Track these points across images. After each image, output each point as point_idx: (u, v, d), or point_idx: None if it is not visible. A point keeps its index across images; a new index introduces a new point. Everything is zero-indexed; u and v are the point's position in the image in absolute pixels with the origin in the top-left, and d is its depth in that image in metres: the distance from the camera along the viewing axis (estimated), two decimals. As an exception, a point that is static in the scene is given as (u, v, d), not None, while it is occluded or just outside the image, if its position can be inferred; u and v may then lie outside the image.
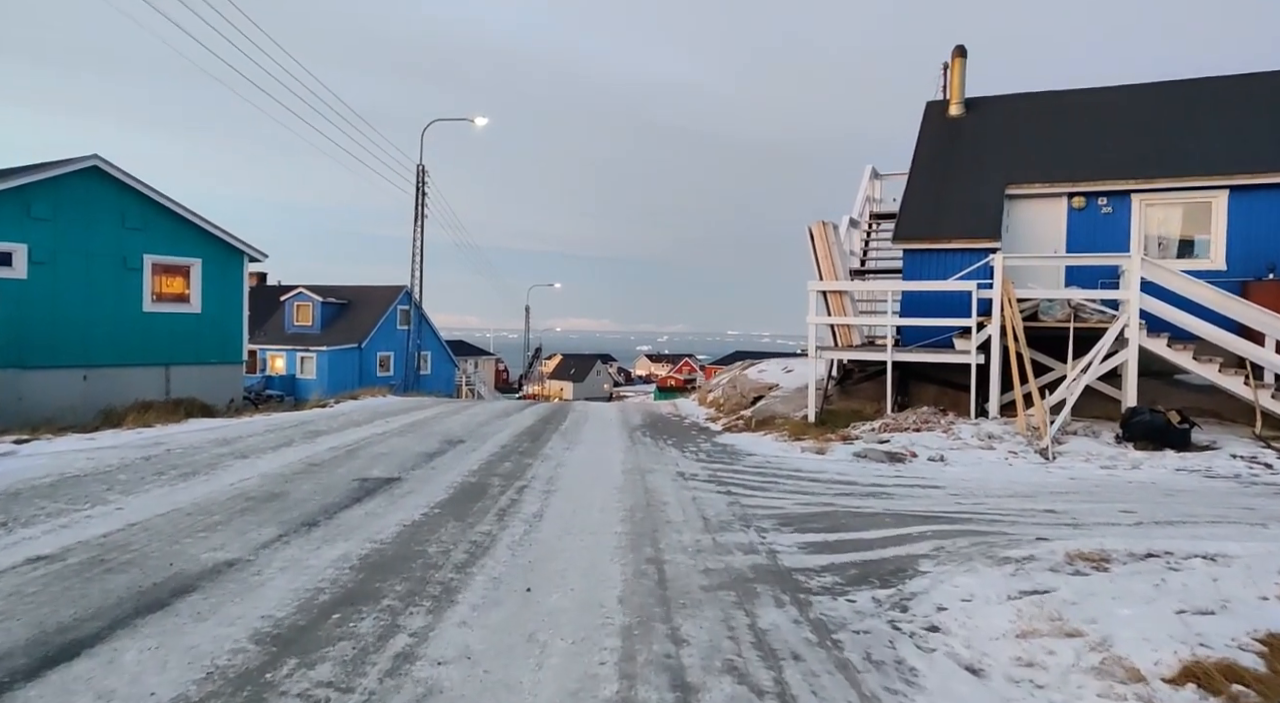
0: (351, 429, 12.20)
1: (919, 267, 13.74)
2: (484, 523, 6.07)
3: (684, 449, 10.98)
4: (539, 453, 10.08)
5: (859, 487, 8.24)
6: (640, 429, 13.62)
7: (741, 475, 8.74)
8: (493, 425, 13.45)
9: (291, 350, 41.96)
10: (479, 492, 7.34)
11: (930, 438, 11.12)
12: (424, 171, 28.08)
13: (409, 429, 12.41)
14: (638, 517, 6.44)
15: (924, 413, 12.29)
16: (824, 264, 13.35)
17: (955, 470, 9.36)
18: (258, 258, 22.22)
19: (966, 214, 13.75)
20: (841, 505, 7.24)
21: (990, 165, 14.50)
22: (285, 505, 6.55)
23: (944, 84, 18.71)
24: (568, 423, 14.37)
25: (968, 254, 13.29)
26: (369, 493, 7.16)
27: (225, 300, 21.33)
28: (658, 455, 10.24)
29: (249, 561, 4.89)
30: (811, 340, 13.13)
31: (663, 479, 8.32)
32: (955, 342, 12.67)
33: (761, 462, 9.89)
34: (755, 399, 15.52)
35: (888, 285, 12.91)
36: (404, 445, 10.40)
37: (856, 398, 14.34)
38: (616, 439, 11.91)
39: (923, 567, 5.23)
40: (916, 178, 14.90)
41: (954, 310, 12.75)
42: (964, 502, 7.52)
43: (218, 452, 9.38)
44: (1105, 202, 13.57)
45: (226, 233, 21.25)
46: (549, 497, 7.19)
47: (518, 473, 8.45)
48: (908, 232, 13.85)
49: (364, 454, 9.52)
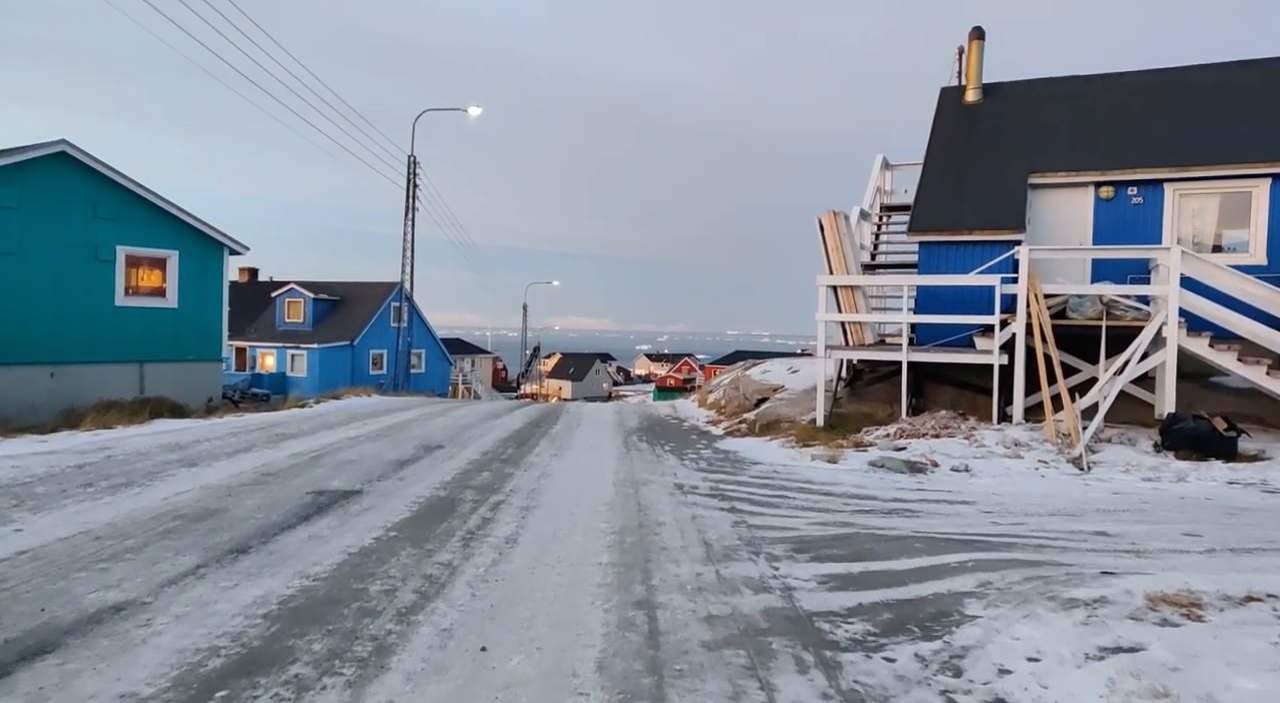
0: (323, 433, 11.28)
1: (936, 260, 12.81)
2: (445, 551, 5.14)
3: (683, 457, 10.06)
4: (523, 461, 9.15)
5: (879, 502, 7.32)
6: (636, 433, 12.70)
7: (747, 488, 7.81)
8: (477, 429, 12.52)
9: (282, 348, 41.03)
10: (447, 509, 6.41)
11: (951, 445, 10.19)
12: (415, 163, 27.14)
13: (386, 433, 11.48)
14: (628, 542, 5.51)
15: (942, 417, 11.37)
16: (834, 257, 12.42)
17: (983, 483, 8.44)
18: (239, 251, 21.27)
19: (987, 204, 12.82)
20: (862, 526, 6.31)
21: (1011, 153, 13.58)
22: (217, 526, 5.62)
23: (959, 69, 17.79)
24: (559, 426, 13.45)
25: (989, 247, 12.37)
26: (320, 510, 6.23)
27: (204, 295, 20.39)
28: (654, 464, 9.31)
29: (144, 604, 3.96)
30: (821, 339, 12.21)
31: (659, 493, 7.39)
32: (976, 341, 11.75)
33: (768, 472, 8.97)
34: (759, 401, 14.60)
35: (903, 279, 12.00)
36: (375, 452, 9.47)
37: (867, 400, 13.42)
38: (610, 445, 10.98)
39: (970, 609, 4.31)
40: (932, 167, 13.97)
41: (974, 307, 11.82)
42: (1001, 522, 6.60)
43: (165, 459, 8.45)
44: (1135, 192, 12.64)
45: (206, 224, 20.32)
46: (527, 516, 6.26)
47: (495, 486, 7.51)
48: (924, 223, 12.93)
49: (328, 462, 8.59)
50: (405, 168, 28.39)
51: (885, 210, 16.33)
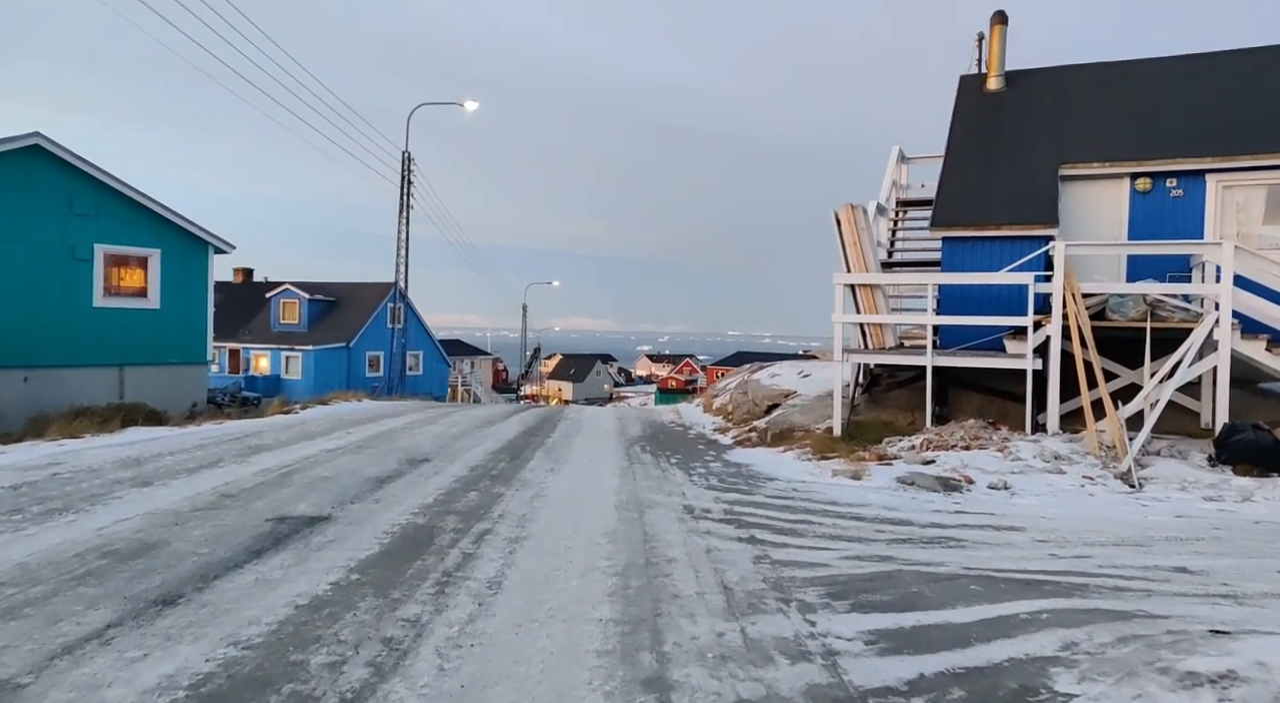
0: (301, 444, 10.43)
1: (960, 257, 11.95)
2: (414, 600, 4.28)
3: (691, 471, 9.20)
4: (515, 478, 8.29)
5: (916, 529, 6.46)
6: (639, 443, 11.84)
7: (765, 511, 6.96)
8: (469, 438, 11.67)
9: (276, 350, 40.21)
10: (424, 541, 5.56)
11: (984, 458, 9.33)
12: (409, 159, 26.30)
13: (369, 443, 10.63)
14: (633, 586, 4.66)
15: (972, 427, 10.51)
16: (852, 254, 11.56)
17: (1028, 503, 7.58)
18: (224, 249, 20.44)
19: (1016, 197, 11.96)
20: (903, 560, 5.46)
21: (1040, 143, 12.72)
22: (150, 567, 4.77)
23: (979, 57, 16.93)
24: (556, 434, 12.60)
25: (1019, 243, 11.52)
26: (277, 543, 5.38)
27: (187, 295, 19.56)
28: (660, 480, 8.46)
29: (17, 686, 3.11)
30: (838, 342, 11.35)
31: (667, 518, 6.54)
32: (1006, 344, 10.90)
33: (786, 489, 8.11)
34: (769, 408, 13.74)
35: (928, 278, 11.14)
36: (354, 467, 8.62)
37: (886, 408, 12.56)
38: (611, 457, 10.13)
39: (1061, 684, 3.45)
40: (954, 158, 13.12)
41: (1004, 307, 10.98)
42: (1061, 554, 5.74)
43: (116, 477, 7.59)
44: (1175, 183, 11.78)
45: (189, 221, 19.49)
46: (516, 550, 5.40)
47: (483, 509, 6.66)
48: (947, 217, 12.07)
49: (298, 480, 7.73)
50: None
51: (901, 205, 15.48)
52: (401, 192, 26.24)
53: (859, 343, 12.44)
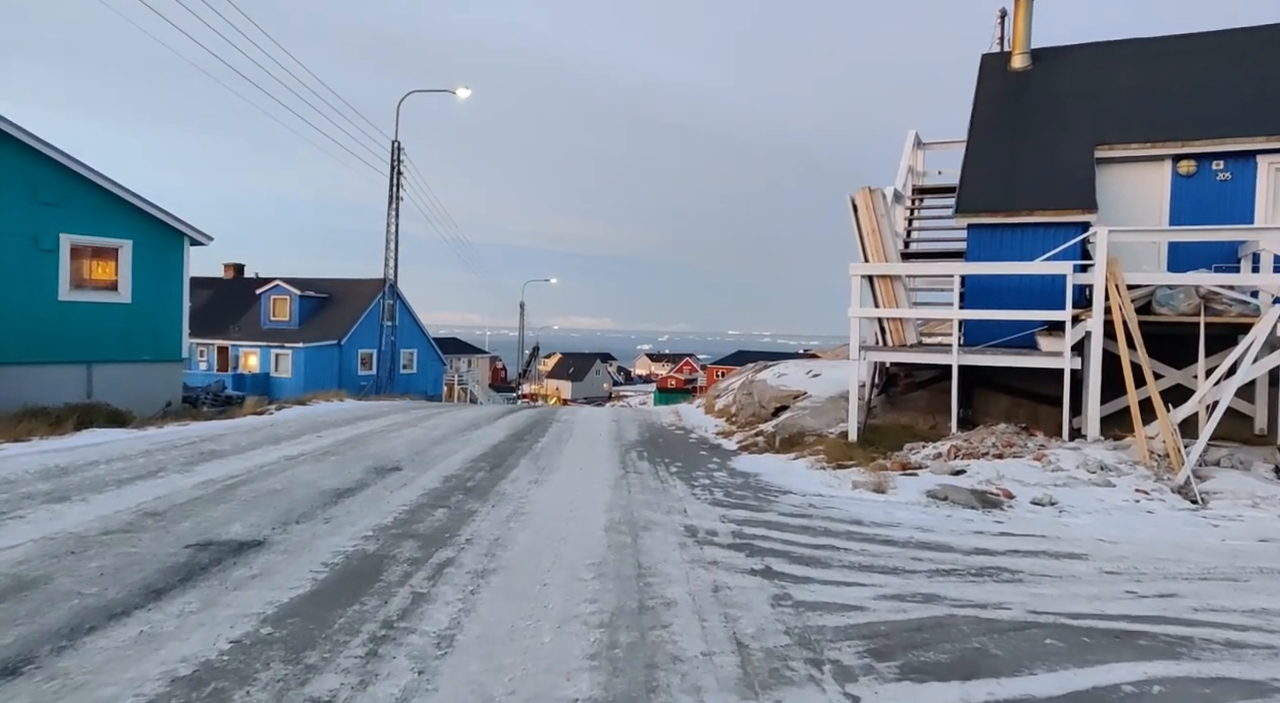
0: (262, 449, 9.43)
1: (987, 246, 10.95)
2: (333, 669, 3.29)
3: (693, 482, 8.20)
4: (494, 491, 7.29)
5: (960, 556, 5.46)
6: (636, 448, 10.85)
7: (780, 533, 5.96)
8: (451, 442, 10.68)
9: (265, 347, 39.17)
10: (368, 576, 4.56)
11: (1020, 468, 8.33)
12: (399, 148, 25.28)
13: (338, 449, 9.64)
14: (621, 644, 3.66)
15: (1003, 432, 9.51)
16: (870, 242, 10.55)
17: (1081, 523, 6.58)
18: (202, 241, 19.41)
19: (1048, 181, 10.96)
20: (953, 600, 4.46)
21: (1073, 124, 11.71)
22: (10, 615, 3.78)
23: (1001, 35, 15.91)
24: (546, 439, 11.60)
25: (1052, 230, 10.51)
26: (187, 579, 4.38)
27: (161, 289, 18.53)
28: (658, 494, 7.45)
29: None
30: (854, 338, 10.35)
31: (665, 544, 5.54)
32: (1040, 340, 9.90)
33: (802, 505, 7.11)
34: (777, 410, 12.74)
35: (955, 268, 10.14)
36: (312, 477, 7.62)
37: (905, 410, 11.56)
38: (604, 465, 9.14)
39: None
40: (979, 141, 12.10)
41: (1037, 300, 9.98)
42: (1141, 591, 4.75)
43: (30, 490, 6.59)
44: (1222, 165, 10.77)
45: (164, 211, 18.46)
46: (479, 589, 4.40)
47: (449, 532, 5.66)
48: (973, 203, 11.06)
49: (243, 494, 6.74)
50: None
51: (918, 193, 14.47)
52: (391, 182, 25.24)
53: (875, 340, 11.44)
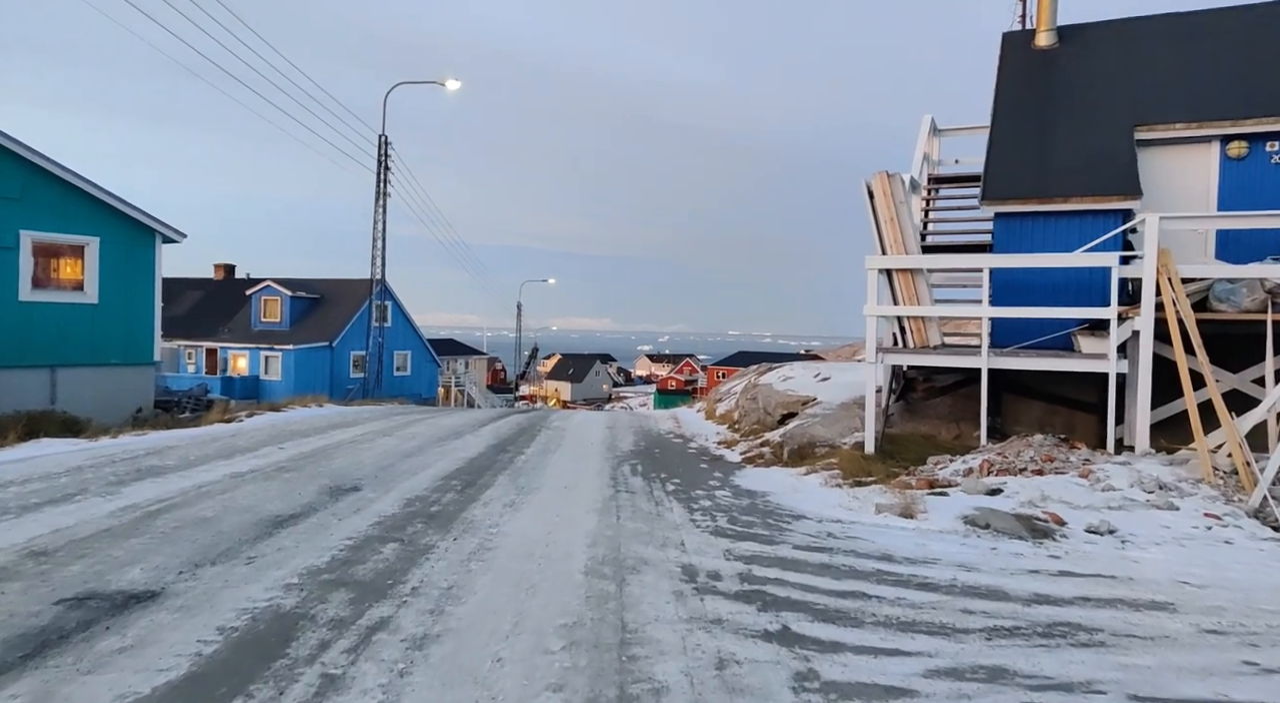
0: (210, 464, 8.42)
1: (1016, 236, 9.93)
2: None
3: (692, 503, 7.19)
4: (460, 517, 6.28)
5: (1018, 607, 4.44)
6: (630, 461, 9.83)
7: (796, 575, 4.94)
8: (425, 455, 9.66)
9: (255, 349, 38.18)
10: (272, 648, 3.54)
11: (1065, 487, 7.31)
12: (386, 142, 24.27)
13: (295, 464, 8.62)
14: (590, 766, 2.64)
15: (1041, 444, 8.48)
16: (888, 231, 9.53)
17: (1154, 559, 5.54)
18: (174, 238, 18.42)
19: (1084, 165, 9.94)
20: (1027, 677, 3.44)
21: (1108, 104, 10.69)
22: None
23: (1022, 13, 14.89)
24: (532, 450, 10.59)
25: (1089, 218, 9.50)
26: (28, 658, 3.37)
27: (131, 289, 17.54)
28: (651, 520, 6.43)
29: None
30: (871, 339, 9.33)
31: (658, 592, 4.52)
32: (1080, 341, 8.89)
33: (819, 534, 6.09)
34: (784, 417, 11.72)
35: (985, 260, 9.09)
36: (254, 501, 6.60)
37: (926, 418, 10.55)
38: (592, 483, 8.12)
39: None
40: (1004, 124, 11.09)
41: (1073, 296, 9.00)
42: (1265, 662, 3.73)
43: (-92, 522, 5.58)
44: (1277, 146, 9.76)
45: (133, 207, 17.47)
46: (412, 668, 3.38)
47: (391, 578, 4.64)
48: (1001, 190, 10.04)
49: (162, 524, 5.72)
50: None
51: (934, 183, 13.46)
52: (378, 177, 24.22)
53: (893, 340, 10.43)
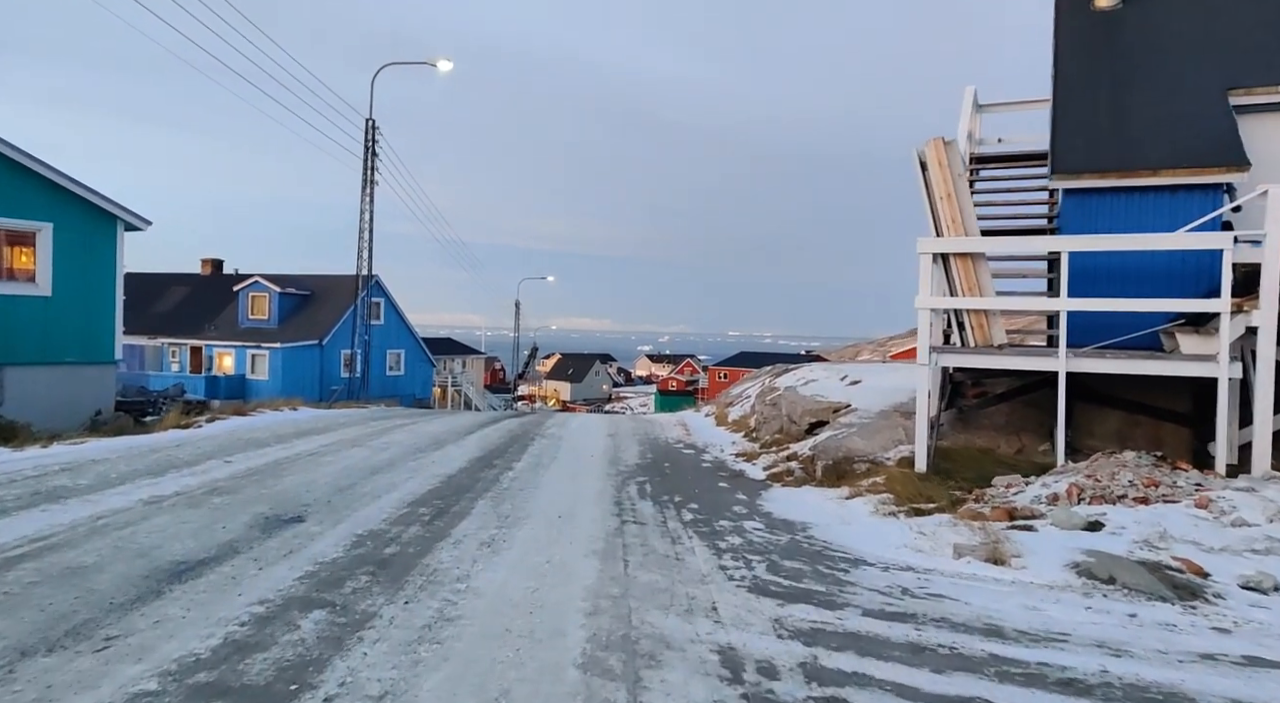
0: (130, 485, 6.95)
1: (1090, 215, 8.47)
2: None
3: (717, 539, 5.73)
4: (420, 565, 4.81)
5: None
6: (637, 478, 8.38)
7: (882, 666, 3.47)
8: (396, 471, 8.20)
9: (241, 347, 36.69)
10: None
11: (1182, 520, 5.86)
12: (374, 127, 22.81)
13: (235, 485, 7.15)
14: None
15: (1137, 464, 7.01)
16: (945, 209, 8.07)
17: (1357, 634, 4.09)
18: (138, 226, 16.96)
19: (1173, 134, 8.49)
20: None
21: (1191, 67, 9.25)
22: None
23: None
24: (523, 463, 9.14)
25: (1181, 195, 8.05)
26: None
27: (89, 281, 16.09)
28: (669, 569, 4.97)
29: None
30: (923, 336, 7.87)
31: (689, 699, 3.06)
32: (1179, 339, 7.44)
33: (893, 590, 4.62)
34: (812, 426, 10.25)
35: (1065, 243, 7.60)
36: (158, 540, 5.14)
37: (980, 429, 9.09)
38: (592, 510, 6.65)
39: None
40: (1068, 92, 9.62)
41: (1163, 285, 7.56)
42: None
43: None
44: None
45: (92, 191, 16.02)
46: None
47: (298, 679, 3.18)
48: (1073, 163, 8.58)
49: (15, 577, 4.26)
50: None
51: (975, 162, 12.01)
52: (365, 164, 22.75)
53: (943, 338, 8.98)
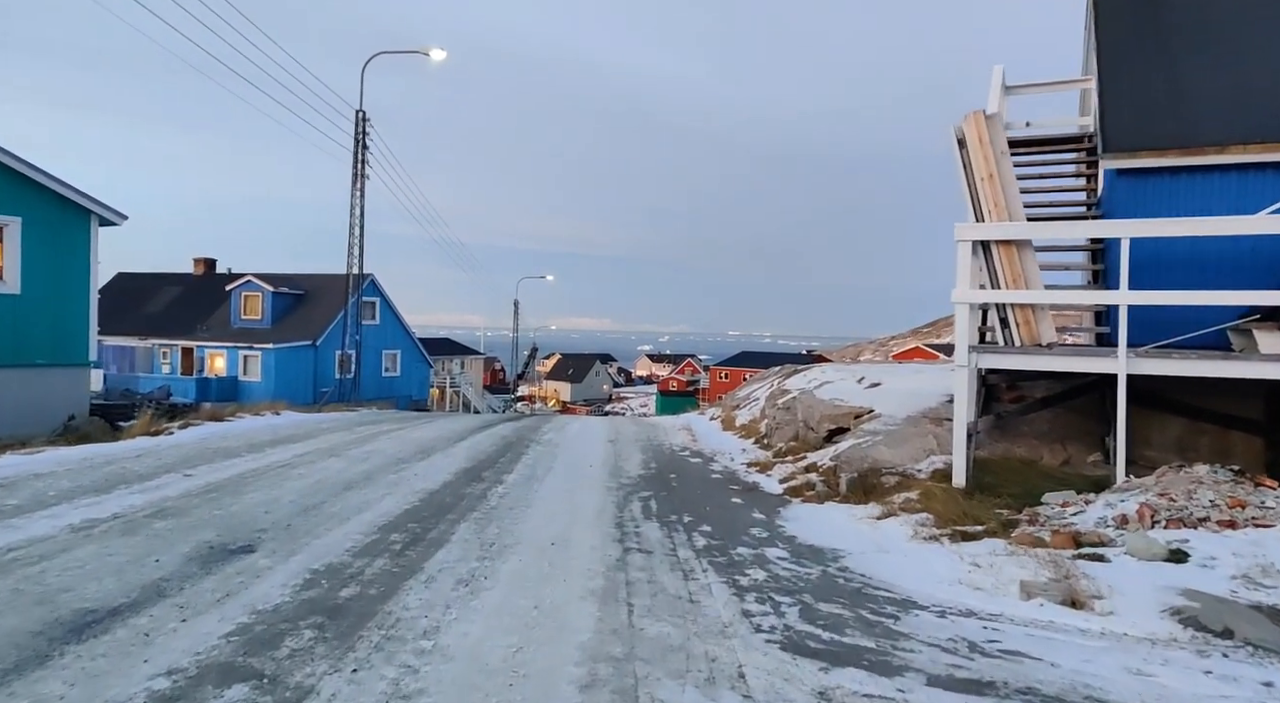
0: (67, 505, 6.10)
1: (1145, 198, 7.61)
2: None
3: (736, 574, 4.86)
4: (379, 613, 3.94)
5: None
6: (640, 493, 7.52)
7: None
8: (369, 488, 7.34)
9: (233, 348, 35.84)
10: None
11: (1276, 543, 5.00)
12: (364, 119, 21.93)
13: (184, 505, 6.29)
14: None
15: (1210, 479, 6.14)
16: (987, 190, 7.19)
17: None
18: (114, 220, 16.10)
19: (1242, 107, 7.62)
20: None
21: (1259, 35, 8.39)
22: None
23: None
24: (515, 475, 8.29)
25: (1254, 174, 7.19)
26: None
27: (61, 278, 15.24)
28: (682, 616, 4.10)
29: None
30: (961, 335, 7.00)
31: None
32: (1257, 336, 6.57)
33: (957, 646, 3.76)
34: (831, 433, 9.38)
35: (1125, 228, 6.71)
36: (71, 579, 4.28)
37: (1019, 437, 8.21)
38: (589, 533, 5.78)
39: None
40: (1115, 64, 8.75)
41: (1230, 276, 6.69)
42: None
43: None
44: None
45: (64, 184, 15.18)
46: None
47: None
48: (1127, 139, 7.70)
49: None
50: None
51: (1004, 148, 11.12)
52: (355, 157, 21.87)
53: (979, 337, 8.11)
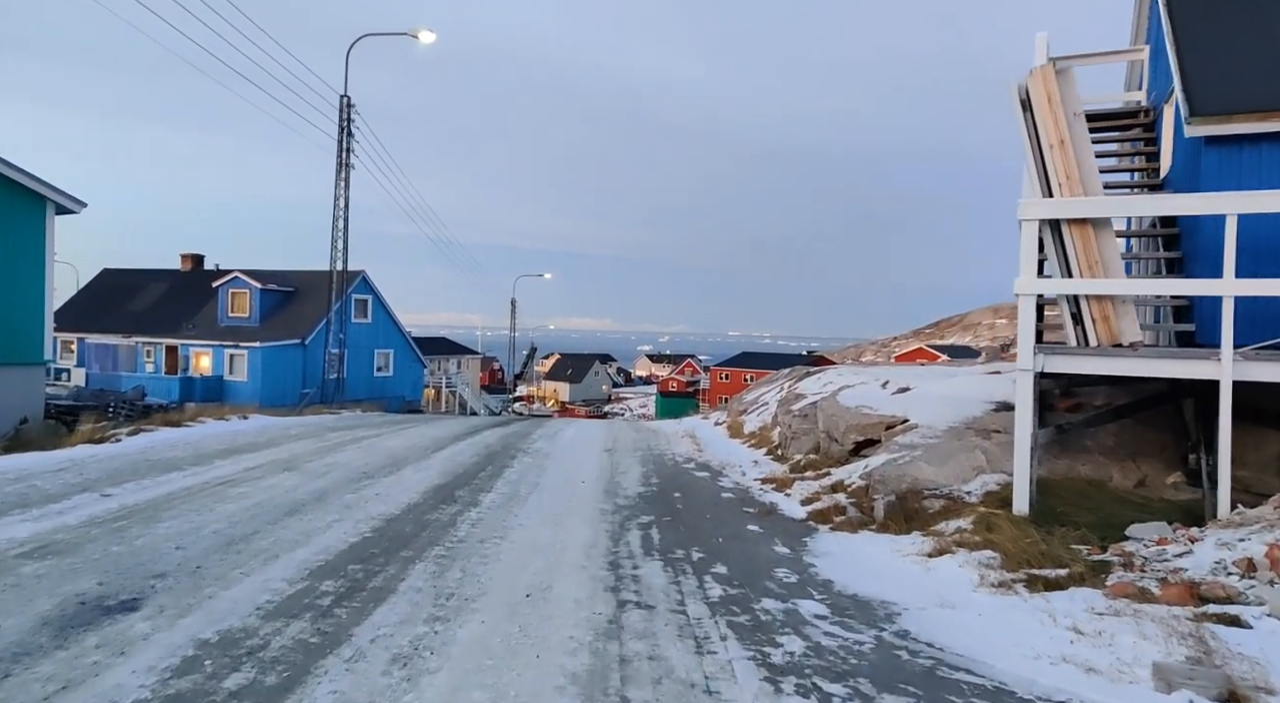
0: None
1: (1240, 168, 6.42)
2: None
3: (763, 638, 3.68)
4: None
5: None
6: (640, 519, 6.33)
7: None
8: (316, 512, 6.16)
9: (219, 347, 34.63)
10: None
11: None
12: (349, 104, 20.76)
13: (80, 537, 5.11)
14: None
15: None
16: (1056, 160, 5.99)
17: None
18: (71, 209, 14.91)
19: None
20: None
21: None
22: None
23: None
24: (494, 496, 7.10)
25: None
26: None
27: (14, 271, 14.06)
28: (696, 719, 2.93)
29: None
30: (1025, 331, 5.82)
31: None
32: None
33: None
34: (859, 446, 8.18)
35: (1230, 202, 5.49)
36: None
37: (1082, 453, 7.02)
38: (575, 577, 4.59)
39: None
40: (1193, 20, 7.54)
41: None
42: None
43: None
44: None
45: (16, 168, 13.96)
46: None
47: None
48: (1217, 102, 6.50)
49: None
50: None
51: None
52: (340, 145, 20.71)
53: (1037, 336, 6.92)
